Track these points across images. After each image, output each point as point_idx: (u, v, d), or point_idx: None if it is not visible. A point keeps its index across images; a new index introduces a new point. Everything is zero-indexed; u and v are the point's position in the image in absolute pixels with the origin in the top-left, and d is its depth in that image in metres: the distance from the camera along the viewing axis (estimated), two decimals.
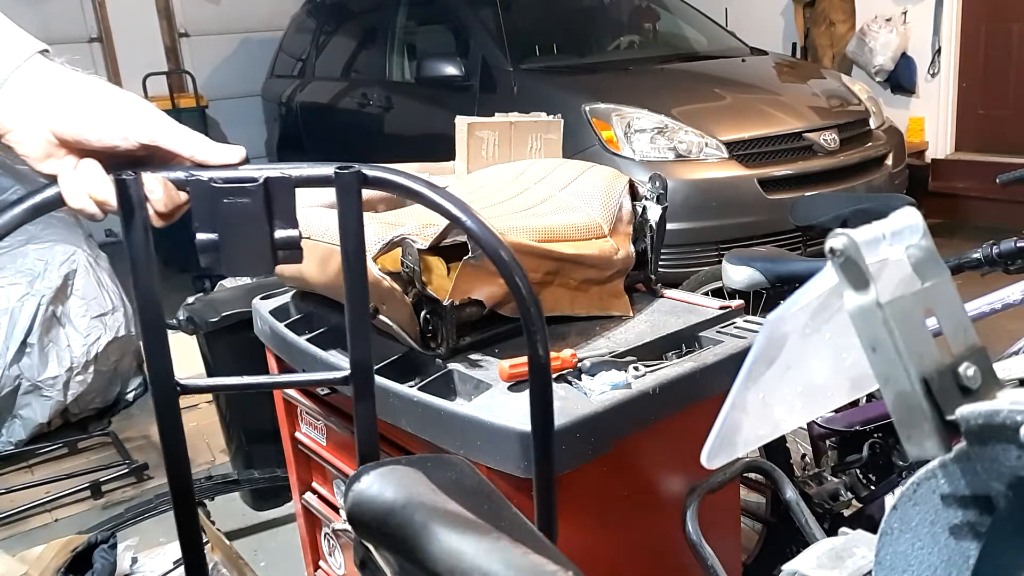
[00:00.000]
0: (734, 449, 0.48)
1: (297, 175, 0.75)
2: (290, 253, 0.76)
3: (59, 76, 0.74)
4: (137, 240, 0.73)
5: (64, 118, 0.73)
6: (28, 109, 0.73)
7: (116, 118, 0.74)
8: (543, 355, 0.79)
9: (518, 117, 1.90)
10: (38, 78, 0.73)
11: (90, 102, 0.74)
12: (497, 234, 0.78)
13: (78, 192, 0.73)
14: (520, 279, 0.77)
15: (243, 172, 0.75)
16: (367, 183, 0.76)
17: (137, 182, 0.73)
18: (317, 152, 5.76)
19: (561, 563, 0.49)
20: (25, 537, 2.62)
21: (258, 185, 0.74)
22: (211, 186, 0.74)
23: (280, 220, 0.75)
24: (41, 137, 0.73)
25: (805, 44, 5.97)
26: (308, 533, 1.80)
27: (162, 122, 0.75)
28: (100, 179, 0.73)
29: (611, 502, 1.27)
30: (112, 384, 3.44)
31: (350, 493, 0.60)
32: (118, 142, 0.74)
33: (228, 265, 0.76)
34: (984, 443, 0.38)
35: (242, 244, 0.75)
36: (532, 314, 0.77)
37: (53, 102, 0.73)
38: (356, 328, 0.79)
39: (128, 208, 0.73)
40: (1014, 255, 1.67)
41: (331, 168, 0.75)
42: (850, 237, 0.40)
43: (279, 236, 0.75)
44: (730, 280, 1.99)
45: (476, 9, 4.67)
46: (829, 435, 1.87)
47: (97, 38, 6.60)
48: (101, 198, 0.73)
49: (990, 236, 1.77)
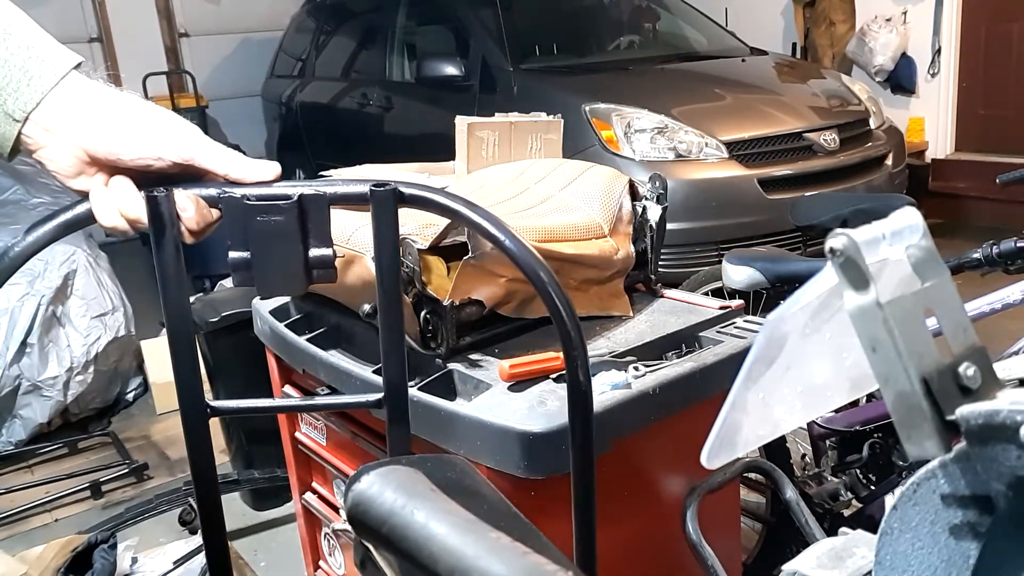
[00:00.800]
0: (734, 449, 0.48)
1: (332, 192, 0.73)
2: (324, 272, 0.74)
3: (93, 93, 0.73)
4: (168, 258, 0.72)
5: (99, 136, 0.72)
6: (62, 128, 0.72)
7: (151, 136, 0.73)
8: (584, 381, 0.77)
9: (518, 117, 1.90)
10: (73, 96, 0.72)
11: (125, 120, 0.73)
12: (537, 255, 0.76)
13: (109, 209, 0.72)
14: (561, 301, 0.75)
15: (277, 189, 0.73)
16: (403, 201, 0.74)
17: (169, 199, 0.71)
18: (317, 152, 5.76)
19: (561, 563, 0.49)
20: (25, 537, 2.62)
21: (292, 203, 0.72)
22: (244, 203, 0.72)
23: (314, 238, 0.74)
24: (73, 155, 0.72)
25: (805, 44, 5.97)
26: (308, 533, 1.80)
27: (197, 139, 0.74)
28: (132, 196, 0.72)
29: (611, 502, 1.27)
30: (112, 384, 3.44)
31: (350, 493, 0.60)
32: (152, 160, 0.73)
33: (261, 284, 0.75)
34: (984, 443, 0.38)
35: (275, 262, 0.73)
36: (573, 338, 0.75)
37: (87, 121, 0.72)
38: (391, 349, 0.77)
39: (159, 225, 0.71)
40: (1014, 255, 1.67)
41: (366, 186, 0.74)
42: (850, 237, 0.40)
43: (313, 255, 0.74)
44: (730, 280, 1.99)
45: (476, 9, 4.67)
46: (829, 435, 1.87)
47: (97, 38, 6.61)
48: (133, 215, 0.72)
49: (990, 236, 1.77)
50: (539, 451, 1.09)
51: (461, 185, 1.70)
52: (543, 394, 1.18)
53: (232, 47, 7.20)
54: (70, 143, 0.72)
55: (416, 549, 0.52)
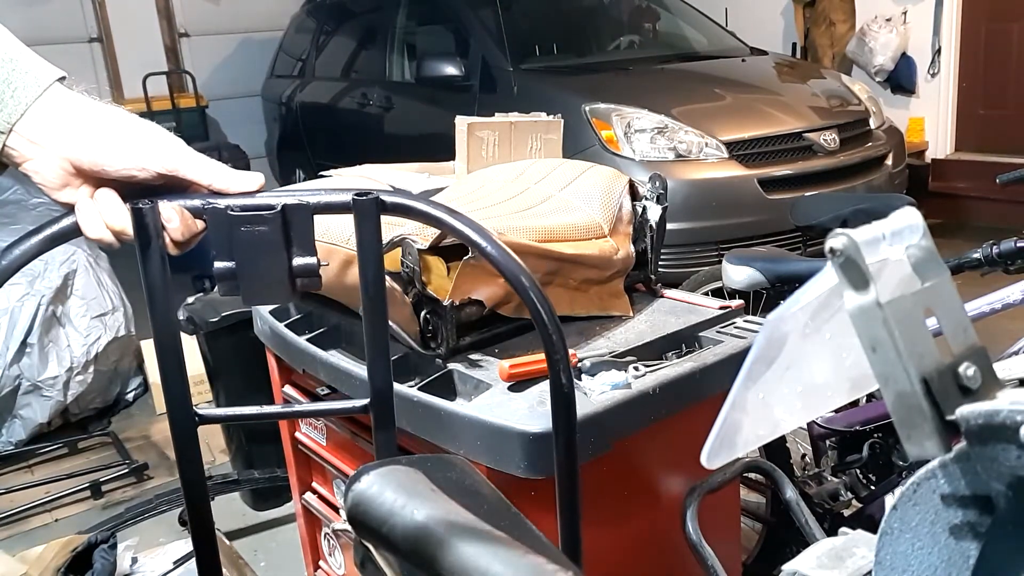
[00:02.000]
0: (734, 449, 0.48)
1: (315, 202, 0.74)
2: (308, 281, 0.75)
3: (77, 105, 0.74)
4: (154, 269, 0.73)
5: (82, 147, 0.72)
6: (46, 139, 0.72)
7: (134, 147, 0.73)
8: (567, 384, 0.78)
9: (518, 117, 1.90)
10: (57, 108, 0.73)
11: (108, 131, 0.73)
12: (518, 261, 0.77)
13: (95, 221, 0.73)
14: (543, 306, 0.75)
15: (260, 200, 0.74)
16: (385, 209, 0.75)
17: (154, 211, 0.72)
18: (317, 152, 5.76)
19: (561, 563, 0.49)
20: (25, 537, 2.62)
21: (275, 212, 0.73)
22: (228, 214, 0.73)
23: (298, 247, 0.74)
24: (58, 166, 0.73)
25: (805, 44, 5.97)
26: (308, 533, 1.80)
27: (180, 151, 0.75)
28: (117, 208, 0.73)
29: (611, 502, 1.27)
30: (112, 384, 3.44)
31: (350, 493, 0.60)
32: (136, 172, 0.73)
33: (246, 293, 0.76)
34: (984, 443, 0.38)
35: (260, 272, 0.74)
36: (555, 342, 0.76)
37: (71, 132, 0.73)
38: (376, 356, 0.78)
39: (145, 237, 0.72)
40: (1014, 255, 1.67)
41: (349, 195, 0.74)
42: (850, 237, 0.40)
43: (297, 264, 0.75)
44: (730, 280, 1.99)
45: (476, 9, 4.67)
46: (829, 435, 1.87)
47: (97, 38, 6.60)
48: (118, 227, 0.73)
49: (990, 236, 1.77)
50: (539, 451, 1.09)
51: (461, 185, 1.70)
52: (543, 394, 1.18)
53: (232, 47, 7.20)
54: (55, 154, 0.72)
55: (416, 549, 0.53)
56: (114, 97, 6.50)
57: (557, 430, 0.80)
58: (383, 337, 0.78)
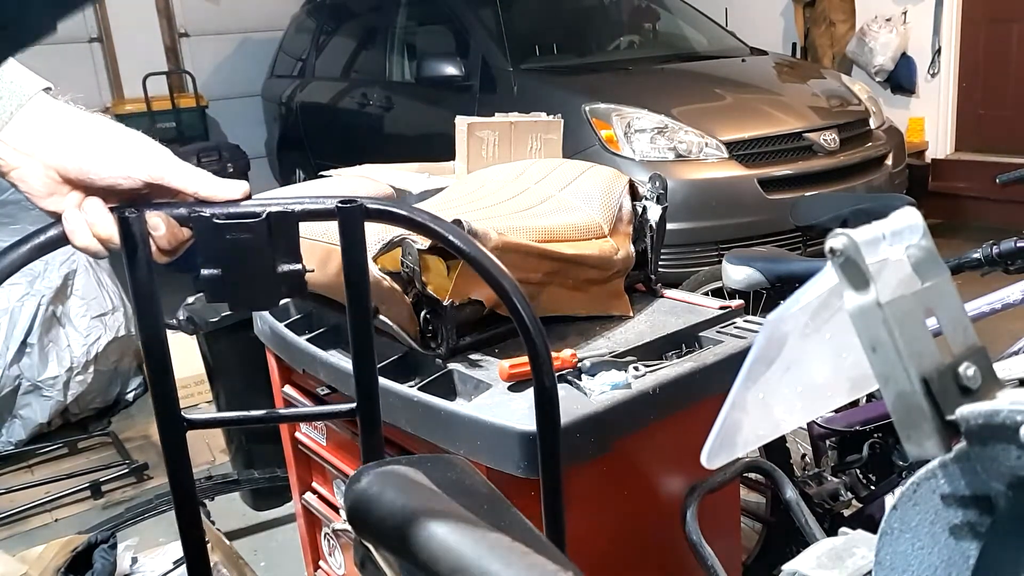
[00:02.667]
0: (734, 449, 0.48)
1: (300, 209, 0.75)
2: (295, 287, 0.76)
3: (63, 114, 0.74)
4: (141, 277, 0.74)
5: (68, 155, 0.73)
6: (32, 148, 0.73)
7: (120, 155, 0.74)
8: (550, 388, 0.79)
9: (518, 117, 1.90)
10: (42, 116, 0.73)
11: (94, 140, 0.74)
12: (501, 266, 0.78)
13: (82, 230, 0.73)
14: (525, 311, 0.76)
15: (246, 207, 0.75)
16: (369, 216, 0.76)
17: (140, 219, 0.73)
18: (317, 152, 5.76)
19: (561, 563, 0.49)
20: (25, 537, 2.62)
21: (261, 220, 0.74)
22: (214, 222, 0.74)
23: (284, 254, 0.75)
24: (44, 174, 0.73)
25: (805, 44, 5.97)
26: (308, 533, 1.80)
27: (165, 159, 0.75)
28: (103, 216, 0.73)
29: (611, 502, 1.27)
30: (112, 384, 3.44)
31: (350, 493, 0.60)
32: (122, 180, 0.74)
33: (233, 300, 0.77)
34: (984, 443, 0.38)
35: (246, 279, 0.75)
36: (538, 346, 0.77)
37: (57, 140, 0.73)
38: (361, 359, 0.79)
39: (131, 245, 0.73)
40: (1014, 255, 1.67)
41: (333, 202, 0.75)
42: (850, 237, 0.40)
43: (283, 270, 0.75)
44: (730, 280, 1.99)
45: (476, 9, 4.67)
46: (829, 435, 1.87)
47: (97, 38, 6.60)
48: (105, 235, 0.73)
49: (990, 236, 1.77)
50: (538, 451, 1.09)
51: (461, 185, 1.70)
52: None
53: (232, 47, 7.19)
54: (41, 163, 0.73)
55: (416, 549, 0.53)
56: (114, 97, 6.51)
57: (542, 433, 0.81)
58: (369, 343, 0.79)
